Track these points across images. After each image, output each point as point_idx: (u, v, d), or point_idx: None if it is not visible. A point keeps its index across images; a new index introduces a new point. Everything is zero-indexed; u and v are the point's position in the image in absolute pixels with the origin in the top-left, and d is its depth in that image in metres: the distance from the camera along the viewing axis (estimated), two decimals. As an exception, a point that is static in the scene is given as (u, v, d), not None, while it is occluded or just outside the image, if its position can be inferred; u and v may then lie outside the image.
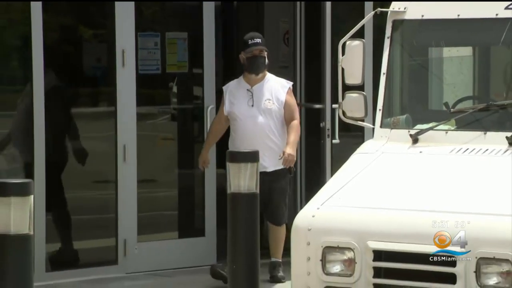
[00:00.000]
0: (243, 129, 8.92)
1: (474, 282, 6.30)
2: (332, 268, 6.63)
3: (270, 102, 8.89)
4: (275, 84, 8.99)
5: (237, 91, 9.03)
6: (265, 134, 8.87)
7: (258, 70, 8.98)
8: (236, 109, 8.96)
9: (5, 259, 5.72)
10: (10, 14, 9.75)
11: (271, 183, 8.85)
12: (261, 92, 8.91)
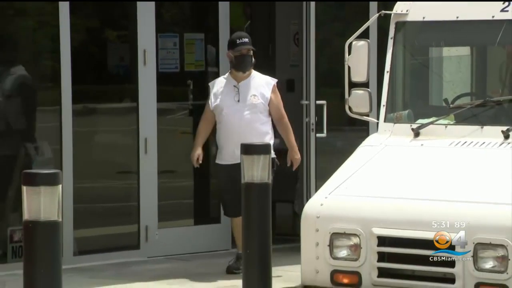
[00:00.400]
0: (229, 122, 8.75)
1: (472, 266, 6.30)
2: (339, 253, 6.63)
3: (256, 97, 8.74)
4: (260, 81, 8.84)
5: (224, 87, 8.85)
6: (250, 128, 8.69)
7: (245, 68, 8.81)
8: (222, 104, 8.78)
9: (35, 243, 5.73)
10: (41, 17, 9.77)
11: None
12: (247, 88, 8.77)
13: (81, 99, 9.61)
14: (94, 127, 10.12)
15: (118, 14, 10.31)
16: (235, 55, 8.80)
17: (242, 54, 8.76)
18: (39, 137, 9.66)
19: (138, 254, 9.79)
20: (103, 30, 10.33)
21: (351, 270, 6.61)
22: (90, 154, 9.88)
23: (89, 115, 9.96)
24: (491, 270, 6.29)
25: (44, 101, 9.76)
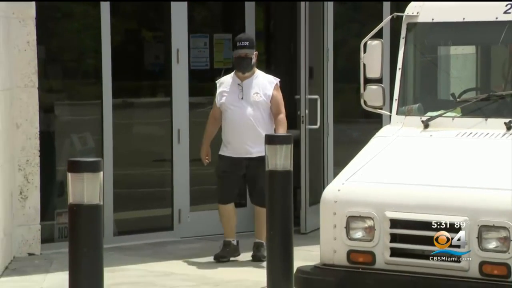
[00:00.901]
0: (233, 119, 8.54)
1: (477, 246, 6.26)
2: (354, 234, 6.62)
3: (258, 95, 8.52)
4: (263, 80, 8.60)
5: (229, 85, 8.63)
6: (252, 124, 8.48)
7: (243, 69, 8.57)
8: (227, 101, 8.57)
9: (79, 225, 5.76)
10: (85, 20, 9.82)
11: (256, 168, 8.41)
12: (250, 86, 8.54)
13: (120, 94, 9.66)
14: (132, 119, 10.17)
15: (154, 17, 10.34)
16: (235, 57, 8.66)
17: (240, 56, 8.56)
18: (83, 129, 9.72)
19: (171, 234, 9.83)
20: (140, 31, 10.38)
21: (365, 250, 6.59)
22: (128, 144, 9.92)
23: (128, 109, 10.01)
24: (494, 250, 6.25)
25: (87, 96, 9.82)
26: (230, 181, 8.56)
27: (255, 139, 8.40)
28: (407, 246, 6.50)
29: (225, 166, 8.62)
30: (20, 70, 8.80)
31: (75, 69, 9.97)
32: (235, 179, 8.55)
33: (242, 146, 8.45)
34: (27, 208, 8.88)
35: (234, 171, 8.52)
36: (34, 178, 8.89)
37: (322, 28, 10.56)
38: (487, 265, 6.27)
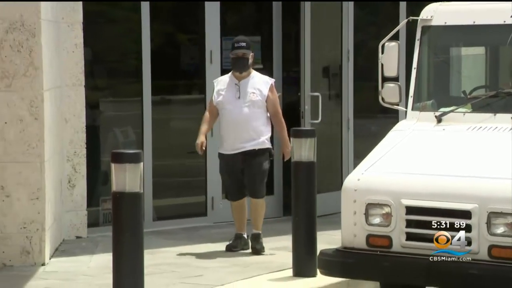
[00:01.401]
0: (230, 117, 8.12)
1: (485, 231, 6.24)
2: (373, 220, 6.60)
3: (254, 94, 8.08)
4: (259, 80, 8.19)
5: (226, 84, 8.21)
6: (249, 122, 8.08)
7: (240, 69, 8.16)
8: (224, 100, 8.16)
9: (122, 210, 5.79)
10: (127, 24, 9.85)
11: (249, 160, 8.15)
12: (246, 86, 8.12)
13: (158, 92, 9.70)
14: (169, 115, 10.19)
15: (189, 21, 10.35)
16: (232, 57, 8.24)
17: (238, 56, 8.16)
18: (125, 123, 9.76)
19: (205, 220, 9.84)
20: (177, 35, 10.39)
21: (383, 234, 6.58)
22: (166, 137, 9.94)
23: (165, 105, 10.03)
24: (502, 235, 6.22)
25: (128, 93, 9.85)
26: (234, 179, 8.26)
27: (250, 136, 8.10)
28: (422, 231, 6.47)
29: (226, 165, 8.29)
30: (69, 70, 8.84)
31: (118, 69, 10.00)
32: (237, 176, 8.22)
33: (236, 142, 8.11)
34: (75, 195, 8.93)
35: (234, 169, 8.21)
36: (81, 168, 8.94)
37: (341, 30, 10.55)
38: (495, 248, 6.24)
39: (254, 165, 8.08)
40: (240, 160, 8.14)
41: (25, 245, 7.75)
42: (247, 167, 8.16)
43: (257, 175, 8.15)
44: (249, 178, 8.19)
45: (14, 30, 7.68)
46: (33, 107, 7.73)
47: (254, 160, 8.06)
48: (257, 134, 8.05)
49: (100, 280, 7.04)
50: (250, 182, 8.21)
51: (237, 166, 8.17)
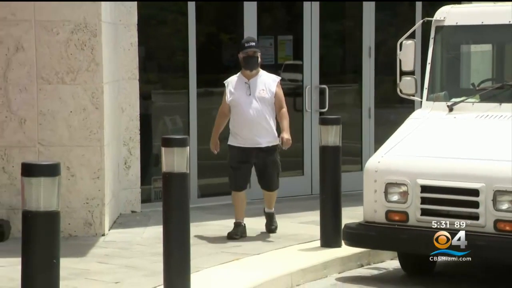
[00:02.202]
0: (243, 113, 7.61)
1: (492, 207, 6.22)
2: (391, 198, 6.59)
3: (264, 91, 7.62)
4: (267, 79, 7.72)
5: (236, 84, 7.71)
6: (261, 118, 7.58)
7: (251, 67, 7.66)
8: (237, 98, 7.65)
9: (170, 189, 5.81)
10: (176, 25, 9.87)
11: (265, 157, 7.68)
12: (256, 84, 7.64)
13: (203, 85, 9.71)
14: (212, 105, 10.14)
15: (230, 22, 10.35)
16: (243, 56, 7.71)
17: (249, 55, 7.67)
18: (173, 112, 9.79)
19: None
20: (219, 34, 10.39)
21: (400, 210, 6.57)
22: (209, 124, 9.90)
23: (208, 96, 10.02)
24: (506, 211, 6.19)
25: (176, 86, 9.88)
26: (243, 171, 7.75)
27: (263, 131, 7.62)
28: (435, 207, 6.47)
29: (237, 157, 7.73)
30: (125, 66, 8.88)
31: (167, 65, 10.03)
32: (246, 169, 7.74)
33: (252, 137, 7.60)
34: (130, 175, 8.98)
35: (246, 162, 7.70)
36: (135, 152, 8.98)
37: (361, 29, 10.50)
38: (500, 222, 6.21)
39: (269, 161, 7.67)
40: (254, 155, 7.68)
41: (88, 218, 7.82)
42: (262, 163, 7.71)
43: (274, 171, 7.76)
44: (263, 172, 7.77)
45: (78, 31, 7.72)
46: (94, 98, 7.78)
47: (269, 157, 7.66)
48: (270, 130, 7.64)
49: (152, 249, 7.09)
50: (266, 178, 7.79)
51: (249, 159, 7.71)
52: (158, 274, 6.01)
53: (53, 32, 7.70)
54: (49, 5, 7.67)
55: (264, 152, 7.64)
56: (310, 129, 10.10)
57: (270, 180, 7.74)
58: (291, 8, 10.55)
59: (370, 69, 10.57)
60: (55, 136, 7.77)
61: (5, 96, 7.76)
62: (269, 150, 7.60)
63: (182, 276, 5.79)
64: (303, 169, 10.17)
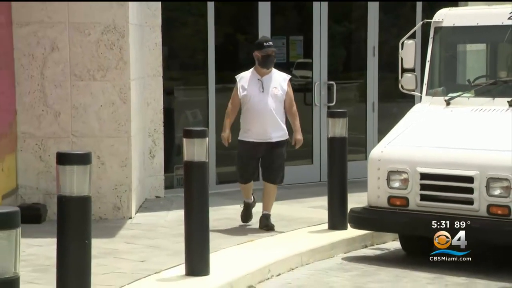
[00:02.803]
0: (255, 108, 7.22)
1: (485, 193, 6.21)
2: (393, 184, 6.59)
3: (277, 89, 7.23)
4: (278, 77, 7.33)
5: (250, 80, 7.29)
6: (272, 113, 7.19)
7: (269, 65, 7.28)
8: (250, 94, 7.24)
9: (191, 176, 5.83)
10: (196, 27, 9.87)
11: (274, 150, 7.27)
12: (269, 81, 7.25)
13: (220, 81, 9.69)
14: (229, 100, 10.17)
15: (245, 24, 10.33)
16: (262, 55, 7.26)
17: (268, 54, 7.26)
18: (194, 106, 9.80)
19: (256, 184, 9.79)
20: (236, 35, 10.38)
21: (401, 196, 6.56)
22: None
23: (226, 92, 9.96)
24: (498, 196, 6.19)
25: (197, 83, 9.89)
26: (251, 164, 7.34)
27: (274, 126, 7.22)
28: (433, 193, 6.45)
29: (248, 150, 7.32)
30: (150, 64, 8.89)
31: (188, 63, 10.04)
32: (255, 162, 7.33)
33: (263, 132, 7.20)
34: (155, 163, 9.00)
35: (255, 155, 7.29)
36: (159, 142, 9.00)
37: (366, 30, 10.47)
38: (493, 207, 6.21)
39: (278, 155, 7.28)
40: (263, 149, 7.26)
41: (116, 202, 7.85)
42: (270, 156, 7.29)
43: (280, 164, 7.34)
44: (270, 165, 7.33)
45: (107, 32, 7.74)
46: (122, 93, 7.80)
47: (277, 150, 7.26)
48: (281, 126, 7.24)
49: (175, 231, 7.11)
50: (272, 170, 7.34)
51: (258, 153, 7.30)
52: (180, 253, 6.03)
53: (85, 33, 7.73)
54: (81, 8, 7.70)
55: (273, 147, 7.29)
56: (319, 122, 10.09)
57: (275, 173, 7.35)
58: (302, 10, 10.53)
59: (374, 66, 10.55)
60: (87, 128, 7.80)
61: (42, 91, 7.80)
62: (278, 144, 7.28)
63: (201, 256, 5.82)
64: (313, 158, 10.17)
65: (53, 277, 4.40)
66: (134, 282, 5.64)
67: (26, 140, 7.84)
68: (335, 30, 10.56)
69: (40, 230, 7.03)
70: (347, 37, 11.11)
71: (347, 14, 10.91)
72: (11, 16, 7.73)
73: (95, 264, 4.67)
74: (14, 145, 7.79)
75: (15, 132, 7.80)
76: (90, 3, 7.69)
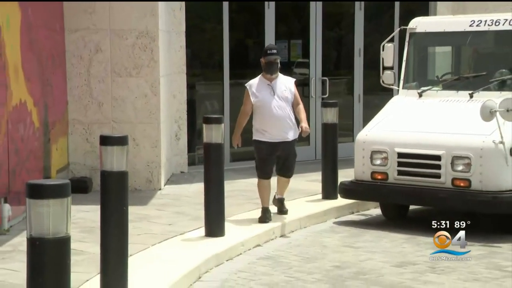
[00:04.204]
0: (270, 112, 6.41)
1: (450, 169, 6.22)
2: (375, 162, 6.59)
3: (286, 92, 6.47)
4: (285, 80, 6.57)
5: (259, 86, 6.49)
6: (285, 115, 6.43)
7: (272, 72, 6.44)
8: (262, 99, 6.44)
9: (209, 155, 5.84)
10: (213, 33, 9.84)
11: (289, 148, 6.52)
12: (277, 85, 6.46)
13: (234, 77, 9.67)
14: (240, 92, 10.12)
15: (254, 31, 10.29)
16: (266, 62, 6.49)
17: (271, 61, 6.46)
18: (212, 98, 9.79)
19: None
20: (246, 40, 10.34)
21: (382, 171, 6.56)
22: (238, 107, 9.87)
23: (238, 86, 9.97)
24: (461, 171, 6.19)
25: (214, 78, 9.87)
26: (270, 162, 6.55)
27: (288, 126, 6.48)
28: (408, 169, 6.44)
29: (266, 150, 6.49)
30: (175, 63, 8.88)
31: (207, 62, 10.01)
32: (273, 160, 6.57)
33: (280, 133, 6.45)
34: (180, 145, 9.01)
35: (273, 153, 6.52)
36: (183, 127, 9.00)
37: (353, 35, 10.42)
38: (456, 180, 6.21)
39: (293, 152, 6.58)
40: (280, 147, 6.51)
41: (148, 176, 7.88)
42: (286, 153, 6.55)
43: (294, 160, 6.66)
44: (287, 162, 6.59)
45: (141, 37, 7.74)
46: (153, 87, 7.81)
47: (291, 148, 6.55)
48: (293, 125, 6.54)
49: (196, 200, 7.12)
50: (287, 165, 6.60)
51: (275, 152, 6.53)
52: (200, 218, 6.06)
53: (123, 38, 7.73)
54: (120, 17, 7.70)
55: (289, 144, 6.53)
56: (314, 111, 10.06)
57: (290, 168, 6.62)
58: (301, 19, 10.48)
59: (360, 65, 10.50)
60: (124, 115, 7.82)
61: (88, 86, 7.82)
62: (294, 142, 6.57)
63: (218, 220, 5.85)
64: (309, 140, 10.15)
65: (97, 237, 4.43)
66: (163, 242, 5.67)
67: (75, 125, 7.86)
68: (328, 35, 10.52)
69: (87, 199, 7.07)
70: (338, 41, 11.06)
71: (338, 22, 10.86)
72: (63, 24, 7.74)
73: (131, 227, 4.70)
74: (66, 129, 7.82)
75: (67, 119, 7.83)
76: (128, 13, 7.69)
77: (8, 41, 6.03)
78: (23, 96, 6.44)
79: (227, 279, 5.07)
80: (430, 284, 4.91)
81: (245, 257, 5.68)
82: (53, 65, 7.40)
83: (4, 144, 5.92)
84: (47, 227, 2.96)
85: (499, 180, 6.07)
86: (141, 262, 5.04)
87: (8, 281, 4.57)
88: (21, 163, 6.32)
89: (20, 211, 6.04)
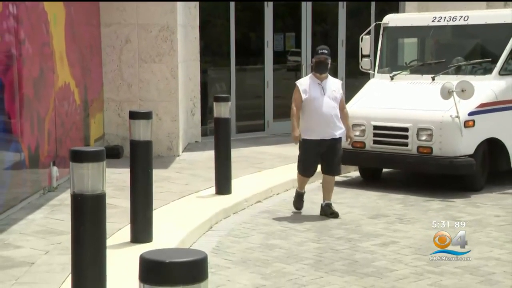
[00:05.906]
0: (319, 110, 5.48)
1: (416, 139, 6.20)
2: (355, 133, 6.55)
3: (336, 92, 5.55)
4: (335, 81, 5.66)
5: (310, 84, 5.55)
6: (334, 113, 5.49)
7: (322, 71, 5.52)
8: (312, 96, 5.50)
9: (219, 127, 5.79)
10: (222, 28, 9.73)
11: (336, 145, 5.51)
12: (328, 85, 5.54)
13: (239, 63, 9.60)
14: (244, 76, 10.09)
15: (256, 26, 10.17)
16: (316, 61, 5.58)
17: (320, 60, 5.53)
18: (221, 80, 9.72)
19: (264, 133, 9.81)
20: (249, 33, 10.23)
21: (360, 141, 6.55)
22: (242, 88, 9.88)
23: (242, 71, 9.93)
24: (424, 140, 6.17)
25: (223, 64, 9.79)
26: (315, 160, 5.57)
27: (336, 124, 5.52)
28: (381, 138, 6.44)
29: (314, 148, 5.52)
30: (191, 51, 8.81)
31: (217, 51, 9.91)
32: (318, 157, 5.56)
33: (328, 130, 5.49)
34: (195, 119, 8.98)
35: (320, 151, 5.53)
36: (197, 105, 8.96)
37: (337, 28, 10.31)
38: (421, 148, 6.20)
39: (338, 149, 5.57)
40: (327, 145, 5.52)
41: (169, 145, 7.87)
42: (332, 151, 5.54)
43: (340, 158, 5.60)
44: (333, 160, 5.56)
45: (163, 30, 7.67)
46: (173, 72, 7.76)
47: (338, 145, 5.55)
48: (340, 123, 5.56)
49: (208, 165, 7.11)
50: (332, 163, 5.56)
51: (321, 149, 5.53)
52: (211, 179, 6.06)
53: (148, 31, 7.66)
54: (146, 13, 7.62)
55: (336, 142, 5.55)
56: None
57: (336, 166, 5.58)
58: (294, 16, 10.37)
59: (343, 54, 10.40)
60: (149, 95, 7.78)
61: (119, 70, 7.77)
62: (340, 139, 5.57)
63: (226, 180, 5.86)
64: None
65: (128, 193, 4.44)
66: (181, 198, 5.70)
67: (109, 103, 7.84)
68: (316, 29, 10.42)
69: (119, 163, 7.07)
70: (325, 34, 10.93)
71: (324, 18, 10.74)
72: (99, 19, 7.68)
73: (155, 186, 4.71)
74: (101, 106, 7.79)
75: (102, 98, 7.80)
76: (152, 10, 7.59)
77: (55, 34, 6.04)
78: (67, 79, 6.43)
79: (233, 229, 5.10)
80: (398, 232, 4.97)
81: (248, 211, 5.69)
82: (91, 54, 7.37)
83: (52, 118, 5.93)
84: (86, 185, 2.97)
85: (455, 147, 6.08)
86: (163, 215, 5.06)
87: (58, 228, 4.64)
88: (66, 133, 6.33)
89: (65, 172, 6.07)
